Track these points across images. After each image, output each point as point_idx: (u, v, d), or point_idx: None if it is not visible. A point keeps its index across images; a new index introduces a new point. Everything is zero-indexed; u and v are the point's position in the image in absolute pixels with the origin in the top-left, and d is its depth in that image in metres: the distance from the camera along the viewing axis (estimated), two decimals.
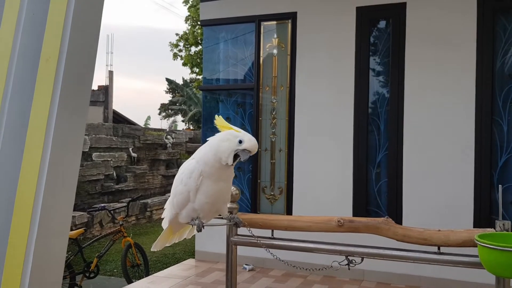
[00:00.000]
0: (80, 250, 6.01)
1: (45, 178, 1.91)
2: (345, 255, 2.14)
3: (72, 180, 2.06)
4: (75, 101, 2.07)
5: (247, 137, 2.02)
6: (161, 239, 2.32)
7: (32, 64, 2.03)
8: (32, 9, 2.08)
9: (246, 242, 2.37)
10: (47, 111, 1.98)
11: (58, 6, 2.04)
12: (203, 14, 6.12)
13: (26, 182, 1.91)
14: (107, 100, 15.75)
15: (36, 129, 1.96)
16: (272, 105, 5.73)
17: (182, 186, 2.08)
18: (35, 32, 2.05)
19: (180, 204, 2.10)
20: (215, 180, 2.03)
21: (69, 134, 2.03)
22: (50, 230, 1.94)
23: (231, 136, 2.03)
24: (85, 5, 2.08)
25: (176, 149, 13.48)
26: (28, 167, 1.92)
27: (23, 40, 2.06)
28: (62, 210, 2.02)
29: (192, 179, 2.03)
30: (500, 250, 1.73)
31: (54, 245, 1.97)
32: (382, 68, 5.27)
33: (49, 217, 1.92)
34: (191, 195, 2.04)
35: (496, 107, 4.78)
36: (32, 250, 1.86)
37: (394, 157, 5.10)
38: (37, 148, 1.94)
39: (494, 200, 4.69)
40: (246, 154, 2.01)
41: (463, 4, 4.86)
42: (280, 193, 5.67)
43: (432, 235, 2.05)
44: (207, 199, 2.04)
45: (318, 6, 5.44)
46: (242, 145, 2.00)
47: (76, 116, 2.07)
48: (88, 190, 9.90)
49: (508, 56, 4.76)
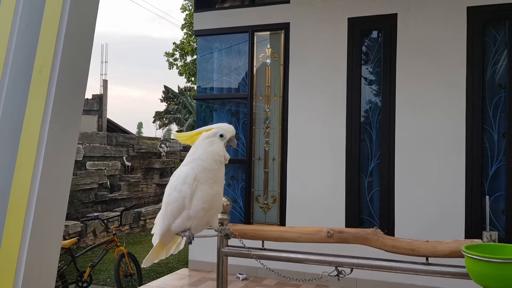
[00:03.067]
0: (73, 259, 5.98)
1: (37, 186, 1.91)
2: (335, 266, 2.16)
3: (65, 189, 2.06)
4: (68, 111, 2.08)
5: (223, 128, 2.10)
6: (151, 255, 2.30)
7: (26, 75, 2.05)
8: (26, 20, 2.10)
9: (237, 253, 2.38)
10: (40, 121, 1.99)
11: (51, 17, 2.06)
12: (197, 24, 6.16)
13: (19, 190, 1.91)
14: (101, 109, 15.74)
15: (29, 139, 1.97)
16: (265, 114, 5.76)
17: (176, 194, 2.06)
18: (28, 43, 2.07)
19: (175, 212, 2.07)
20: (210, 184, 2.04)
21: (62, 144, 2.04)
22: (42, 239, 1.94)
23: (211, 138, 2.07)
24: (78, 16, 2.10)
25: (170, 158, 13.46)
26: (21, 175, 1.93)
27: (16, 51, 2.07)
28: (55, 219, 2.02)
29: (187, 184, 2.03)
30: (486, 261, 1.75)
31: (47, 254, 1.97)
32: (374, 78, 5.32)
33: (42, 226, 1.93)
34: (186, 201, 2.03)
35: (487, 117, 4.84)
36: (24, 259, 1.86)
37: (386, 166, 5.13)
38: (30, 157, 1.95)
39: (485, 209, 4.72)
40: (233, 141, 2.11)
41: (453, 15, 4.93)
42: (274, 202, 5.68)
43: (420, 245, 2.07)
44: (203, 204, 2.03)
45: (311, 17, 5.50)
46: (226, 137, 2.08)
47: (69, 126, 2.09)
48: (82, 199, 9.86)
49: (498, 66, 4.83)
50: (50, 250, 2.00)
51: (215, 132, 2.07)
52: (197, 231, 2.13)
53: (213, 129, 2.09)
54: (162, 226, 2.17)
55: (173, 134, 3.52)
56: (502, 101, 4.79)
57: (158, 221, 2.22)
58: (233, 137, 2.11)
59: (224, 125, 2.11)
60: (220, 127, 2.09)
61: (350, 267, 2.17)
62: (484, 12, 4.83)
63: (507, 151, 4.72)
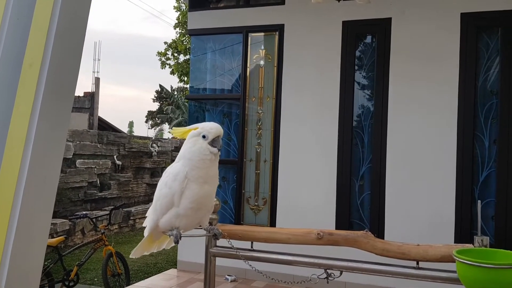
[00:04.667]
0: (60, 258, 5.90)
1: (24, 183, 1.88)
2: (324, 268, 2.14)
3: (52, 186, 2.02)
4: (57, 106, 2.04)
5: (206, 128, 1.99)
6: (141, 246, 2.26)
7: (15, 69, 2.01)
8: (17, 14, 2.06)
9: (225, 254, 2.35)
10: (28, 116, 1.96)
11: (43, 12, 2.03)
12: (191, 23, 6.13)
13: (5, 186, 1.88)
14: (92, 106, 15.63)
15: (16, 134, 1.94)
16: (258, 115, 5.74)
17: (166, 189, 2.02)
18: (19, 37, 2.03)
19: (163, 207, 2.04)
20: (201, 183, 1.98)
21: (50, 139, 2.01)
22: (27, 236, 1.90)
23: (195, 137, 2.00)
24: (70, 11, 2.06)
25: (161, 158, 13.39)
26: (7, 171, 1.89)
27: (6, 44, 2.04)
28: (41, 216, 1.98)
29: (177, 181, 1.98)
30: (478, 266, 1.74)
31: (32, 252, 1.94)
32: (367, 82, 5.32)
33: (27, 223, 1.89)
34: (175, 198, 1.99)
35: (478, 123, 4.85)
36: (8, 256, 1.82)
37: (377, 170, 5.13)
38: (17, 152, 1.91)
39: (475, 214, 4.73)
40: (217, 141, 1.99)
41: (447, 21, 4.94)
42: (264, 204, 5.65)
43: (410, 249, 2.06)
44: (192, 204, 1.98)
45: (305, 19, 5.49)
46: (209, 138, 1.98)
47: (58, 121, 2.05)
48: (71, 197, 9.76)
49: (491, 73, 4.85)
50: (36, 248, 1.96)
51: (199, 132, 1.99)
52: (186, 231, 2.10)
53: (197, 129, 2.01)
54: (151, 220, 2.14)
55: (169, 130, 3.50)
56: (493, 108, 4.80)
57: (149, 215, 2.19)
58: (217, 138, 1.99)
59: (208, 125, 2.01)
60: (204, 127, 2.00)
61: (339, 270, 2.15)
62: (477, 18, 4.86)
63: (497, 157, 4.74)
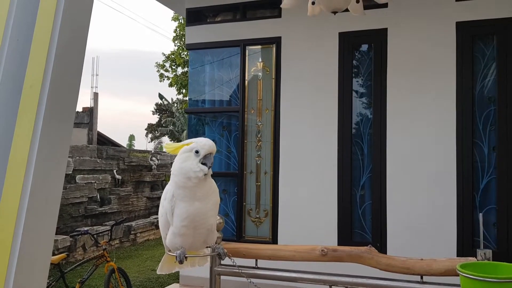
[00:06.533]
0: (62, 275, 5.87)
1: (27, 202, 1.89)
2: (329, 285, 2.14)
3: (55, 204, 2.03)
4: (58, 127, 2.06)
5: (199, 144, 1.94)
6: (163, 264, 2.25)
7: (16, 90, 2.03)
8: (17, 35, 2.08)
9: (229, 272, 2.35)
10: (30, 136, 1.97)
11: (42, 32, 2.05)
12: (189, 38, 6.17)
13: (8, 205, 1.88)
14: (91, 122, 15.65)
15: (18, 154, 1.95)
16: (257, 127, 5.75)
17: (161, 208, 2.05)
18: (19, 58, 2.05)
19: (163, 226, 2.06)
20: (189, 201, 1.94)
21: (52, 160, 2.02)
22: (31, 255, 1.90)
23: (187, 153, 1.94)
24: (70, 31, 2.08)
25: (161, 171, 13.38)
26: (10, 190, 1.90)
27: (6, 66, 2.05)
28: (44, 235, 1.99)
29: (167, 200, 1.99)
30: (481, 280, 1.74)
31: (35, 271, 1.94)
32: (365, 92, 5.35)
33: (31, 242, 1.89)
34: (168, 217, 1.99)
35: (477, 130, 4.87)
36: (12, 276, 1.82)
37: (378, 179, 5.14)
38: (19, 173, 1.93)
39: (477, 222, 4.74)
40: (209, 159, 1.93)
41: (442, 29, 4.98)
42: (266, 216, 5.65)
43: (414, 264, 2.06)
44: (183, 222, 1.95)
45: (302, 31, 5.53)
46: (201, 154, 1.92)
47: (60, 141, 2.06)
48: (71, 213, 9.74)
49: (487, 80, 4.88)
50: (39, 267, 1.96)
51: (191, 148, 1.93)
52: (193, 250, 2.09)
53: (191, 144, 1.95)
54: (163, 239, 2.13)
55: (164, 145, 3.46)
56: (491, 115, 4.83)
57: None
58: (209, 155, 1.92)
59: (202, 141, 1.95)
60: (198, 143, 1.93)
61: (344, 286, 2.15)
62: (472, 27, 4.90)
63: (497, 164, 4.76)
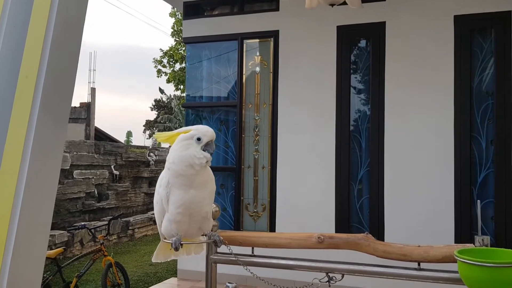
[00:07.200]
0: (59, 269, 5.86)
1: (22, 195, 1.88)
2: (326, 272, 2.13)
3: (50, 198, 2.03)
4: (54, 117, 2.05)
5: (201, 131, 1.94)
6: (158, 252, 2.24)
7: (11, 80, 2.02)
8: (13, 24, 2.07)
9: (226, 260, 2.34)
10: (25, 128, 1.96)
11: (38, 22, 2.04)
12: (186, 31, 6.15)
13: (3, 199, 1.88)
14: (89, 117, 15.61)
15: (14, 146, 1.94)
16: (255, 122, 5.74)
17: (156, 195, 2.05)
18: (14, 48, 2.04)
19: (158, 213, 2.06)
20: (185, 189, 1.95)
21: (47, 151, 2.01)
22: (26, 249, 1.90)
23: (187, 141, 1.94)
24: (66, 22, 2.07)
25: (159, 167, 13.35)
26: (5, 183, 1.89)
27: (2, 56, 2.04)
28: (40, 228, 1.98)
29: (162, 187, 1.99)
30: (480, 265, 1.73)
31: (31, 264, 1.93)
32: (363, 86, 5.34)
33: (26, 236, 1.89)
34: (163, 204, 2.00)
35: (475, 124, 4.87)
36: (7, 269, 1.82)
37: (375, 174, 5.13)
38: (14, 165, 1.92)
39: (474, 215, 4.74)
40: (210, 146, 1.94)
41: (440, 23, 4.97)
42: (263, 210, 5.64)
43: (412, 251, 2.05)
44: (178, 209, 1.96)
45: (300, 25, 5.51)
46: (203, 141, 1.92)
47: (55, 133, 2.05)
48: (69, 208, 9.71)
49: (485, 74, 4.87)
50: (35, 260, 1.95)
51: (192, 135, 1.93)
52: (188, 237, 2.09)
53: (190, 131, 1.95)
54: (158, 226, 2.13)
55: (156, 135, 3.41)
56: (489, 109, 4.83)
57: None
58: (211, 142, 1.94)
59: (203, 128, 1.96)
60: (199, 130, 1.95)
61: (341, 273, 2.14)
62: (470, 20, 4.89)
63: (495, 158, 4.75)
